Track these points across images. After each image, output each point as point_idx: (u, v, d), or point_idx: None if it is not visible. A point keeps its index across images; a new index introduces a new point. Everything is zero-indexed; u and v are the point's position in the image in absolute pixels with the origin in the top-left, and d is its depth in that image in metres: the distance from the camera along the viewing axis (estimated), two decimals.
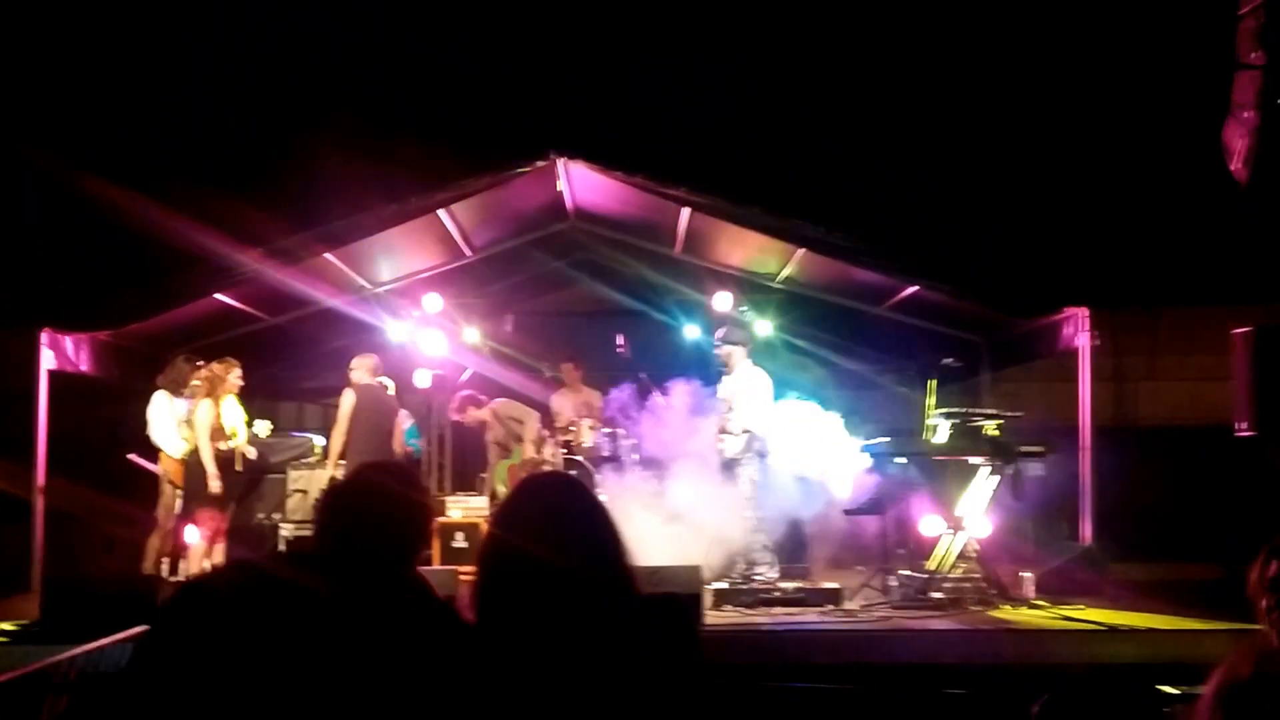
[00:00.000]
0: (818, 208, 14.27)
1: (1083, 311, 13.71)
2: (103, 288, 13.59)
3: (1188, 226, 15.03)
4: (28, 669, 8.40)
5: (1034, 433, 13.50)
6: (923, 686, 9.82)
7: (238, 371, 13.65)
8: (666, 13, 15.15)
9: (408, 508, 3.88)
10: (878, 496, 13.35)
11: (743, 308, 16.75)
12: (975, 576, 12.95)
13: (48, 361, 13.13)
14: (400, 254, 16.92)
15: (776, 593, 12.69)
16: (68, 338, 13.48)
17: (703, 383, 15.11)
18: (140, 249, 13.22)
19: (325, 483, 14.22)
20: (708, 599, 12.29)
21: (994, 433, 12.94)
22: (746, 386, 14.01)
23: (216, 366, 13.55)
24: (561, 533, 3.61)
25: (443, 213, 15.26)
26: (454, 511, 16.13)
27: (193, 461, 13.26)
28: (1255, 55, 12.66)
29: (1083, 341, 13.67)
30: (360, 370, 14.77)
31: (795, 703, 9.42)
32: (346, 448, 14.48)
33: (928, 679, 9.98)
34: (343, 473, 14.07)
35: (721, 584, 12.86)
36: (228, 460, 13.33)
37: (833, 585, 12.93)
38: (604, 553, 3.68)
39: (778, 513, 13.76)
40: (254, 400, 15.35)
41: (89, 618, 10.05)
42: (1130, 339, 15.85)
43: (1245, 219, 14.00)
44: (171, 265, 13.40)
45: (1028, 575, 12.85)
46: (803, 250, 15.60)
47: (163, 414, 13.76)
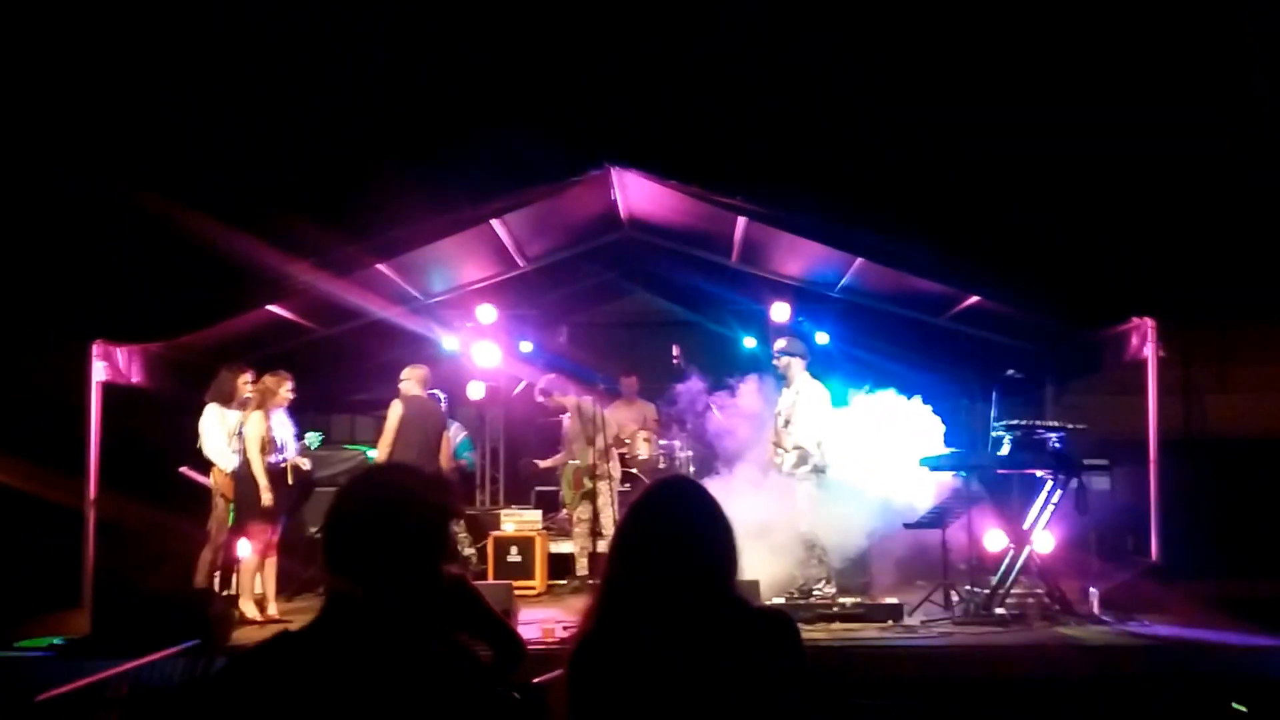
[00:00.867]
0: (877, 216, 14.05)
1: (1149, 322, 13.44)
2: (155, 299, 13.49)
3: (1257, 236, 14.75)
4: (78, 684, 8.33)
5: (1099, 446, 13.29)
6: (986, 704, 9.66)
7: (289, 384, 13.52)
8: (723, 18, 14.97)
9: (418, 505, 3.69)
10: (939, 510, 13.16)
11: (800, 318, 16.59)
12: (1039, 592, 12.79)
13: (99, 374, 13.01)
14: (453, 265, 16.83)
15: (835, 608, 12.52)
16: (120, 350, 13.37)
17: (760, 394, 15.00)
18: (193, 260, 13.10)
19: None
20: None
21: (1058, 445, 12.74)
22: (805, 399, 13.86)
23: (268, 379, 13.44)
24: (687, 539, 3.79)
25: (496, 223, 15.15)
26: (508, 525, 16.01)
27: (244, 474, 13.12)
28: None
29: (1149, 353, 13.42)
30: (410, 381, 14.60)
31: None
32: (392, 460, 14.29)
33: (991, 696, 9.82)
34: None
35: (779, 599, 12.69)
36: (279, 473, 13.19)
37: (893, 601, 12.74)
38: (723, 562, 3.82)
39: (837, 527, 13.58)
40: (306, 413, 15.23)
41: (140, 632, 10.00)
42: (1199, 350, 15.56)
43: None
44: (224, 277, 13.30)
45: (1093, 590, 12.63)
46: (861, 260, 15.43)
47: (214, 427, 13.65)
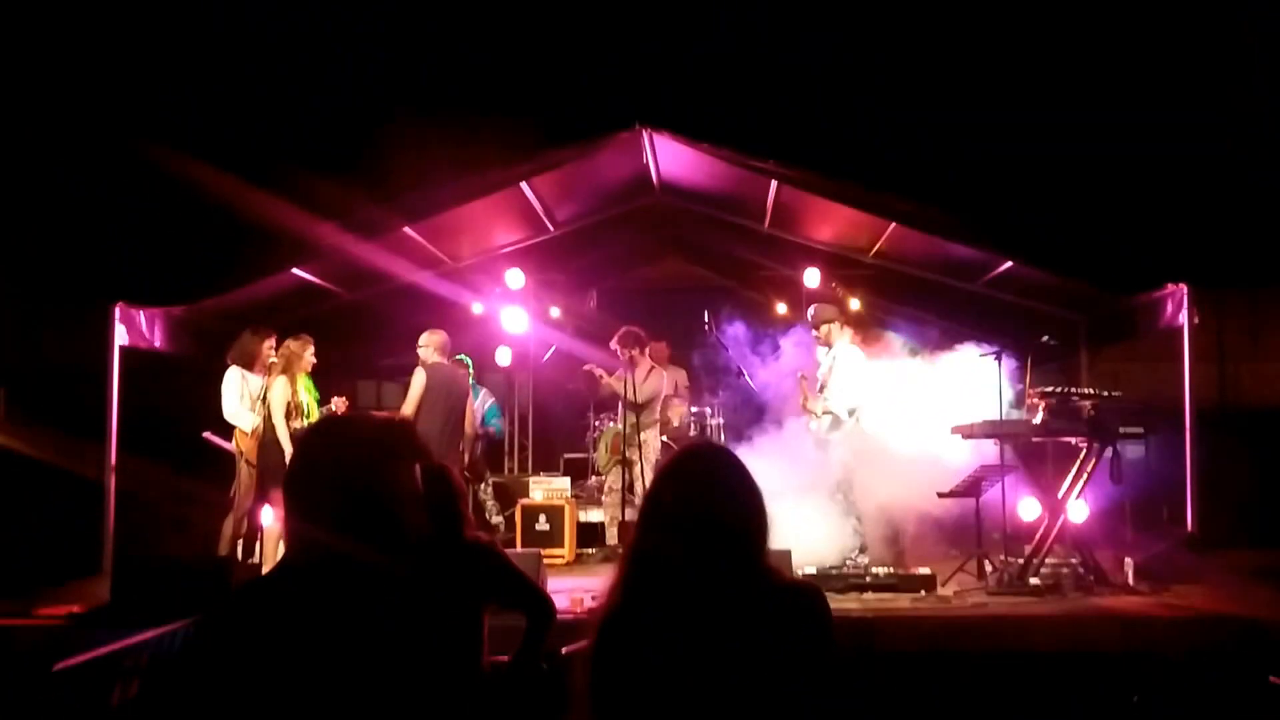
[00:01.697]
0: (911, 181, 13.92)
1: (1183, 289, 13.32)
2: (178, 261, 13.40)
3: None
4: (98, 652, 8.26)
5: (1134, 414, 13.14)
6: (1020, 675, 9.57)
7: (313, 349, 13.39)
8: None
9: (366, 449, 3.69)
10: (973, 479, 13.01)
11: (833, 284, 16.49)
12: (1073, 562, 12.65)
13: (121, 337, 12.98)
14: (482, 229, 16.78)
15: (868, 578, 12.38)
16: (141, 313, 13.33)
17: (794, 359, 14.92)
18: (217, 222, 13.01)
19: None
20: None
21: (1092, 413, 12.58)
22: (840, 365, 13.74)
23: (292, 343, 13.31)
24: (718, 508, 3.76)
25: (525, 186, 15.04)
26: (536, 493, 15.91)
27: (268, 440, 13.00)
28: None
29: (1184, 320, 13.29)
30: (429, 348, 14.31)
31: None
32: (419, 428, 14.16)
33: (1025, 666, 9.71)
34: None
35: (811, 569, 12.55)
36: None
37: (926, 571, 12.59)
38: (753, 532, 3.82)
39: (870, 495, 13.46)
40: (332, 378, 15.13)
41: (160, 601, 9.92)
42: (1234, 317, 15.43)
43: None
44: (249, 239, 13.20)
45: (1128, 561, 12.49)
46: (895, 225, 15.31)
47: (235, 390, 13.50)
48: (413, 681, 3.47)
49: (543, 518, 15.47)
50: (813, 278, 16.82)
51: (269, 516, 12.87)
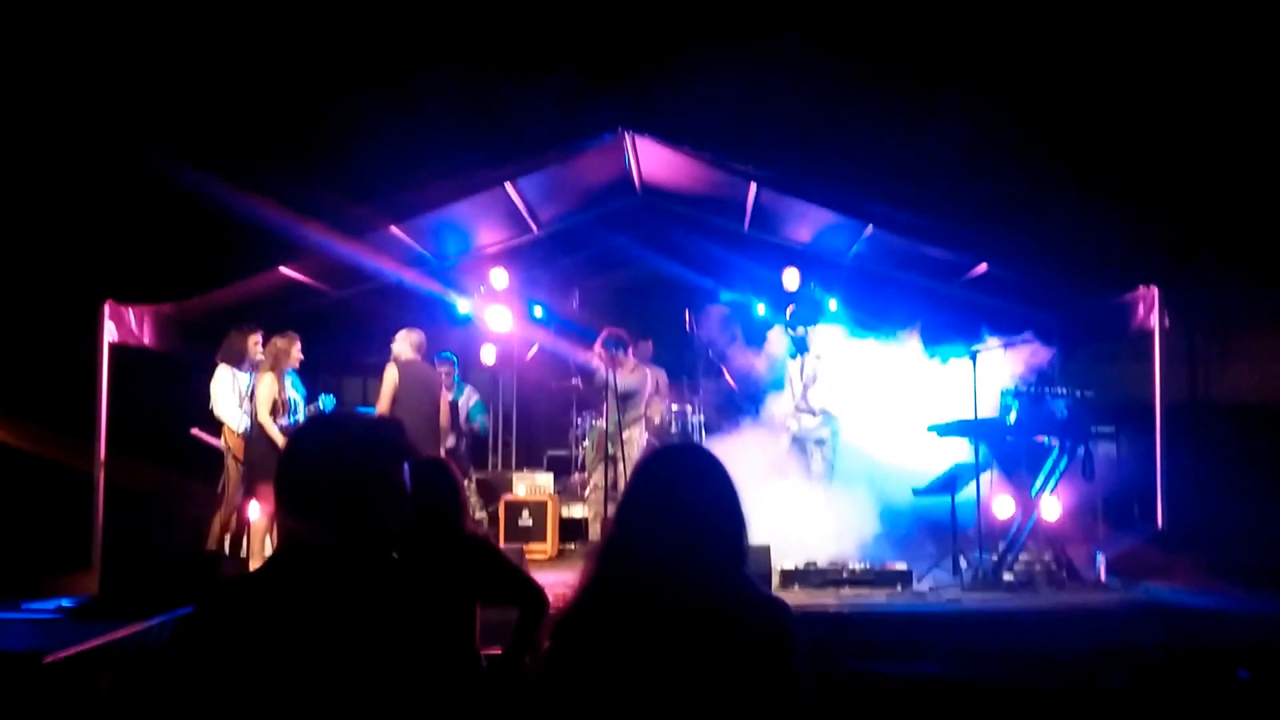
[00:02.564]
0: (887, 184, 14.09)
1: (1154, 291, 13.50)
2: (167, 259, 13.48)
3: (1262, 204, 14.74)
4: (86, 645, 8.35)
5: (1106, 413, 13.33)
6: (992, 669, 9.70)
7: (299, 345, 13.54)
8: None
9: (360, 447, 3.75)
10: (948, 477, 13.19)
11: (813, 284, 16.61)
12: (1046, 558, 12.83)
13: (110, 334, 13.00)
14: (466, 229, 16.87)
15: (844, 573, 12.56)
16: (130, 310, 13.38)
17: (773, 359, 15.06)
18: (204, 220, 13.10)
19: None
20: (776, 579, 12.24)
21: (1065, 412, 12.76)
22: (820, 364, 13.92)
23: (278, 340, 13.45)
24: (693, 509, 3.76)
25: (509, 187, 15.17)
26: (519, 488, 16.08)
27: (255, 436, 13.16)
28: None
29: (1155, 322, 13.47)
30: (403, 344, 14.45)
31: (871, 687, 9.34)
32: None
33: (998, 661, 9.86)
34: None
35: (789, 564, 12.72)
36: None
37: (901, 567, 12.78)
38: (728, 534, 3.80)
39: (848, 492, 13.64)
40: (318, 375, 15.26)
41: (149, 594, 10.02)
42: (1204, 318, 15.59)
43: None
44: (236, 237, 13.29)
45: (1100, 556, 12.68)
46: (872, 227, 15.46)
47: (226, 388, 13.65)
48: (404, 675, 3.46)
49: (526, 513, 15.64)
50: (792, 279, 16.93)
51: (255, 511, 13.02)
